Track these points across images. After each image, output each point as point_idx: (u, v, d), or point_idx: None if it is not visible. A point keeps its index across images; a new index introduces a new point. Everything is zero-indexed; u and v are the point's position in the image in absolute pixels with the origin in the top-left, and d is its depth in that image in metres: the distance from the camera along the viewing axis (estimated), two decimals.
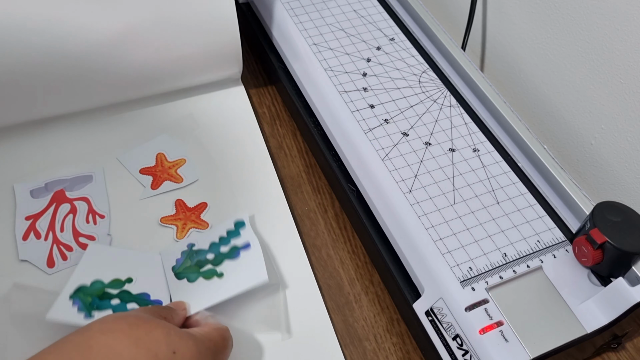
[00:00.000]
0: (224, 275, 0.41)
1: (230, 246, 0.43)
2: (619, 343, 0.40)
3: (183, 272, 0.42)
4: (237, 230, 0.44)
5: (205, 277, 0.41)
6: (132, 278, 0.41)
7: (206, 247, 0.43)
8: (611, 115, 0.48)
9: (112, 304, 0.39)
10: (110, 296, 0.39)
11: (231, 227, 0.44)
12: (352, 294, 0.43)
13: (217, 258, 0.42)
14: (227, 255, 0.42)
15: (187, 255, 0.43)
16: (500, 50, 0.59)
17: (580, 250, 0.38)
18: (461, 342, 0.35)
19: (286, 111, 0.55)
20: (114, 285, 0.40)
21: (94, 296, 0.39)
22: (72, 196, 0.46)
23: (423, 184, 0.42)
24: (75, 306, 0.38)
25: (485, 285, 0.37)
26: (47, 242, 0.43)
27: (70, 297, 0.38)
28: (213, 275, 0.41)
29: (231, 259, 0.42)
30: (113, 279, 0.40)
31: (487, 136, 0.46)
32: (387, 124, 0.46)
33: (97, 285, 0.40)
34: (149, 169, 0.49)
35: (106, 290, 0.40)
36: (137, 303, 0.39)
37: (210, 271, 0.41)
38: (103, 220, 0.45)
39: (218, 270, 0.41)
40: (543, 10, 0.52)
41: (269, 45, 0.56)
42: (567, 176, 0.43)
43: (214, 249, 0.43)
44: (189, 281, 0.41)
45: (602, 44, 0.47)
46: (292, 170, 0.51)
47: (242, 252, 0.42)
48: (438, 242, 0.39)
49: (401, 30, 0.54)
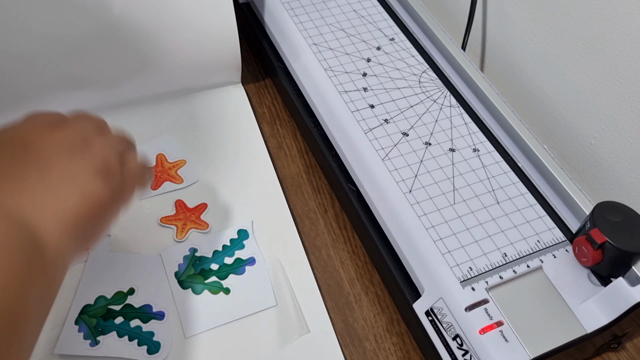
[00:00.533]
0: (230, 292, 0.42)
1: (234, 258, 0.43)
2: (619, 343, 0.40)
3: (187, 281, 0.42)
4: (240, 241, 0.44)
5: (212, 290, 0.42)
6: (134, 288, 0.41)
7: (209, 255, 0.43)
8: (611, 115, 0.48)
9: (117, 324, 0.40)
10: (114, 314, 0.40)
11: (234, 236, 0.45)
12: (352, 294, 0.43)
13: (221, 270, 0.43)
14: (232, 269, 0.43)
15: (189, 261, 0.43)
16: (500, 50, 0.59)
17: (580, 250, 0.38)
18: (461, 342, 0.35)
19: (286, 111, 0.55)
20: (116, 301, 0.41)
21: (99, 317, 0.40)
22: None
23: (423, 184, 0.42)
24: (81, 333, 0.39)
25: (485, 285, 0.37)
26: None
27: (75, 321, 0.39)
28: (219, 290, 0.42)
29: (236, 273, 0.43)
30: (115, 292, 0.41)
31: (487, 136, 0.46)
32: (387, 124, 0.46)
33: (101, 303, 0.41)
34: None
35: (109, 307, 0.40)
36: (140, 319, 0.40)
37: (216, 284, 0.42)
38: None
39: (224, 285, 0.42)
40: (543, 10, 0.52)
41: (269, 45, 0.56)
42: (567, 176, 0.43)
43: (218, 259, 0.43)
44: (194, 292, 0.42)
45: (602, 44, 0.47)
46: (292, 170, 0.51)
47: (248, 267, 0.43)
48: (438, 242, 0.39)
49: (401, 30, 0.54)
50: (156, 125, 0.52)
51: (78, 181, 0.30)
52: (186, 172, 0.49)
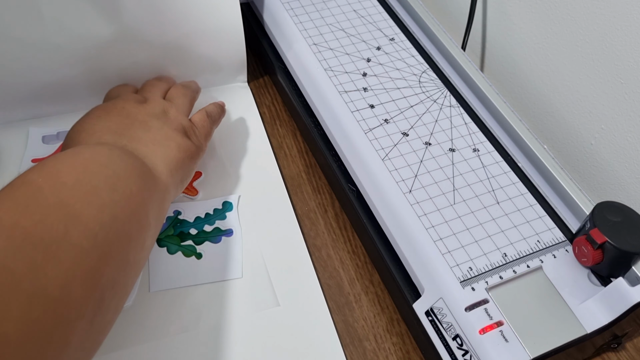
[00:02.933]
0: (202, 257, 0.43)
1: (213, 227, 0.45)
2: (619, 343, 0.40)
3: (164, 240, 0.44)
4: (223, 212, 0.46)
5: (185, 253, 0.43)
6: None
7: (191, 220, 0.45)
8: (611, 115, 0.48)
9: None
10: None
11: (219, 207, 0.46)
12: (352, 294, 0.43)
13: (199, 236, 0.45)
14: (209, 236, 0.45)
15: (171, 222, 0.45)
16: (500, 50, 0.59)
17: (580, 250, 0.38)
18: (461, 342, 0.35)
19: (286, 111, 0.55)
20: None
21: None
22: None
23: (423, 184, 0.42)
24: None
25: (485, 285, 0.37)
26: None
27: None
28: (192, 254, 0.44)
29: (212, 242, 0.44)
30: None
31: (487, 136, 0.46)
32: (387, 124, 0.46)
33: None
34: None
35: None
36: None
37: (190, 248, 0.44)
38: None
39: (198, 250, 0.44)
40: (543, 11, 0.52)
41: (268, 45, 0.56)
42: (567, 176, 0.43)
43: (198, 225, 0.45)
44: (168, 252, 0.44)
45: (602, 44, 0.47)
46: (292, 170, 0.51)
47: (224, 238, 0.45)
48: (438, 242, 0.39)
49: (401, 30, 0.54)
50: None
51: (172, 137, 0.40)
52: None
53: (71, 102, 0.50)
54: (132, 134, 0.39)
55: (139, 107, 0.42)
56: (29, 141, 0.49)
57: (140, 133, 0.39)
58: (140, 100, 0.43)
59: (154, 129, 0.40)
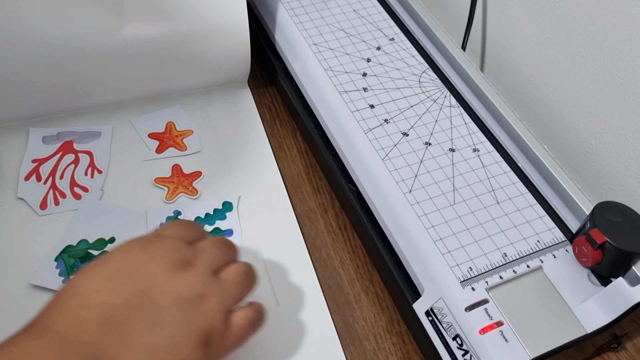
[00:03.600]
0: None
1: (213, 227, 0.45)
2: (619, 343, 0.40)
3: None
4: (223, 212, 0.46)
5: None
6: (114, 238, 0.44)
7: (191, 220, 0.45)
8: (611, 115, 0.48)
9: None
10: (91, 258, 0.42)
11: (219, 207, 0.46)
12: (352, 294, 0.43)
13: None
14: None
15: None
16: (500, 50, 0.59)
17: (580, 250, 0.38)
18: (461, 342, 0.35)
19: (286, 111, 0.55)
20: (97, 246, 0.43)
21: (77, 258, 0.42)
22: (79, 148, 0.49)
23: (423, 184, 0.42)
24: (57, 269, 0.41)
25: (485, 285, 0.37)
26: (46, 185, 0.46)
27: (55, 258, 0.42)
28: None
29: None
30: (97, 238, 0.43)
31: (487, 136, 0.46)
32: (387, 124, 0.46)
33: (82, 245, 0.43)
34: (157, 134, 0.51)
35: (89, 251, 0.43)
36: None
37: None
38: (100, 175, 0.48)
39: None
40: (543, 10, 0.52)
41: (269, 46, 0.56)
42: (567, 176, 0.43)
43: None
44: None
45: (602, 44, 0.47)
46: (292, 170, 0.51)
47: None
48: (438, 242, 0.39)
49: (401, 30, 0.54)
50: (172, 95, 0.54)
51: (179, 348, 0.30)
52: (191, 141, 0.51)
53: (71, 102, 0.50)
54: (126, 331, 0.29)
55: (171, 281, 0.31)
56: (29, 141, 0.49)
57: (138, 330, 0.29)
58: (182, 260, 0.32)
59: (165, 326, 0.30)
